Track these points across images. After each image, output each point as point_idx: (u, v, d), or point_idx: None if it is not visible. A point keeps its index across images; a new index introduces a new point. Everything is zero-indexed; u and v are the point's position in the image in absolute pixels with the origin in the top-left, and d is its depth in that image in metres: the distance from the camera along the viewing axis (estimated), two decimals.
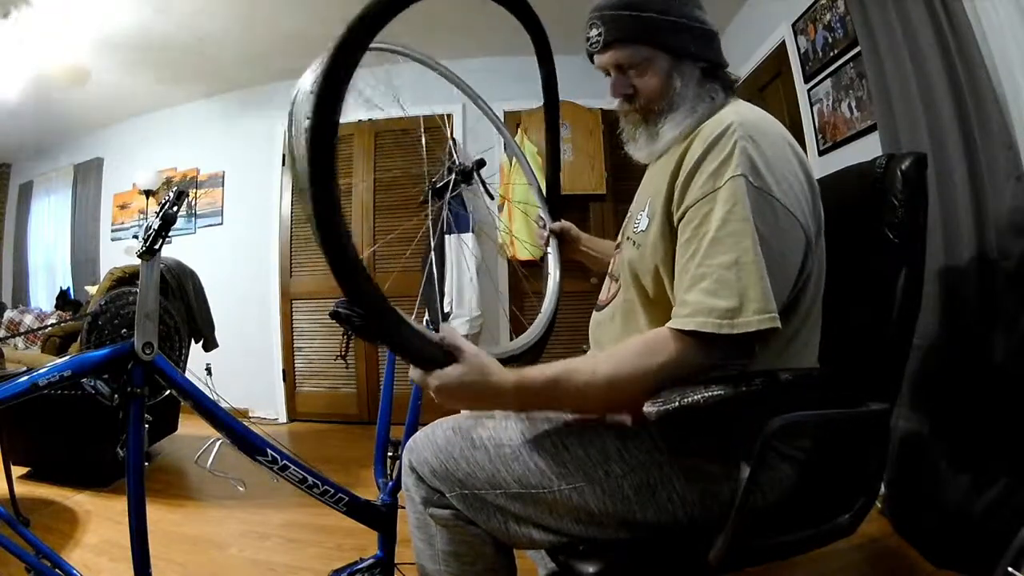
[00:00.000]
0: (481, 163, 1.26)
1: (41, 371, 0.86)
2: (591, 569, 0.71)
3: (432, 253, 3.22)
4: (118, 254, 3.81)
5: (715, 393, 0.67)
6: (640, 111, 0.85)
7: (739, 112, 0.76)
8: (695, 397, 0.67)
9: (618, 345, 0.75)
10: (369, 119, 3.46)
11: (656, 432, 0.75)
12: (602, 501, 0.74)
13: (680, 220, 0.73)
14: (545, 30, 1.02)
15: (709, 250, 0.68)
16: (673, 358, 0.67)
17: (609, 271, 0.98)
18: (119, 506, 1.51)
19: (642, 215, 0.82)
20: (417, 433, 0.84)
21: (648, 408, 0.73)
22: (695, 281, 0.68)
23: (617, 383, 0.68)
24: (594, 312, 0.95)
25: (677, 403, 0.68)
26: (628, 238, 0.86)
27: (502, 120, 3.38)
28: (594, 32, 0.82)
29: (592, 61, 0.88)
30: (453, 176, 1.24)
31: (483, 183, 1.25)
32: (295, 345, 3.58)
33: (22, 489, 1.81)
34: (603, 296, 0.95)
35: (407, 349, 0.67)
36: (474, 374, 0.67)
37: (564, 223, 1.22)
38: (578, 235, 1.22)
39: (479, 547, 0.78)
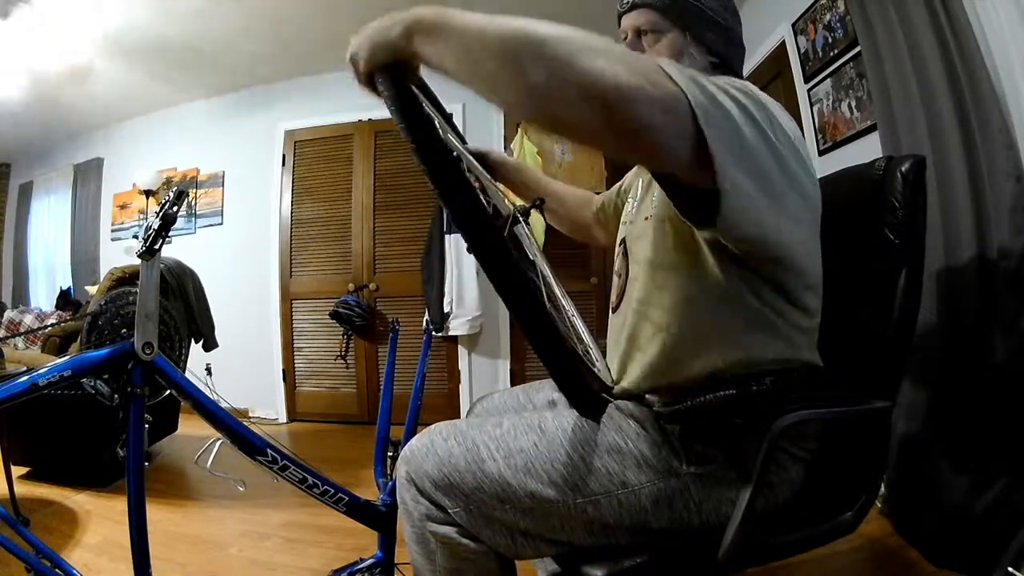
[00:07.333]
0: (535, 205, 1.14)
1: (41, 371, 0.86)
2: (599, 573, 0.70)
3: (432, 255, 3.23)
4: (118, 254, 3.81)
5: (727, 392, 0.68)
6: None
7: None
8: (707, 396, 0.68)
9: None
10: (369, 118, 3.47)
11: (675, 439, 0.73)
12: (618, 513, 0.72)
13: None
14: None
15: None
16: (650, 68, 0.51)
17: (615, 269, 0.98)
18: (119, 506, 1.51)
19: (654, 198, 0.81)
20: (412, 442, 0.79)
21: (660, 408, 0.74)
22: None
23: (590, 47, 0.49)
24: (610, 314, 0.93)
25: (689, 402, 0.70)
26: (647, 217, 0.83)
27: (503, 121, 3.40)
28: None
29: (619, 25, 0.89)
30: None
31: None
32: (295, 345, 3.58)
33: (22, 489, 1.82)
34: (613, 298, 0.94)
35: None
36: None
37: (484, 149, 1.16)
38: (500, 159, 1.17)
39: (483, 563, 0.76)
